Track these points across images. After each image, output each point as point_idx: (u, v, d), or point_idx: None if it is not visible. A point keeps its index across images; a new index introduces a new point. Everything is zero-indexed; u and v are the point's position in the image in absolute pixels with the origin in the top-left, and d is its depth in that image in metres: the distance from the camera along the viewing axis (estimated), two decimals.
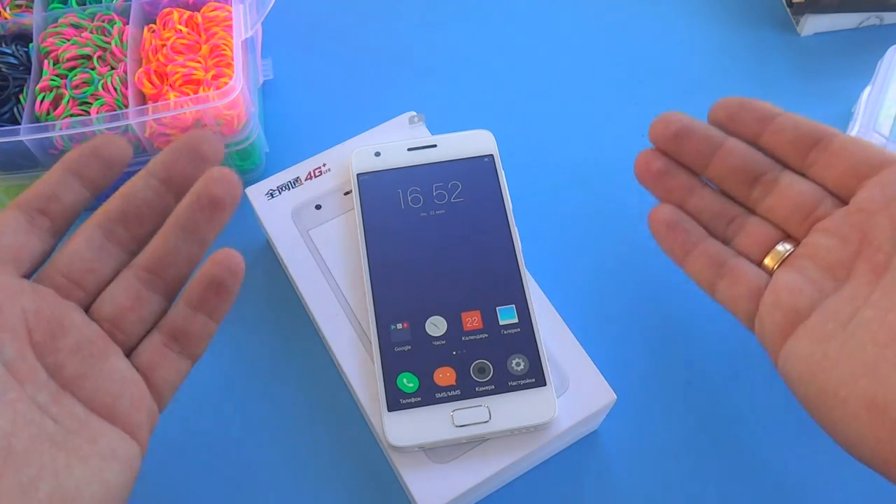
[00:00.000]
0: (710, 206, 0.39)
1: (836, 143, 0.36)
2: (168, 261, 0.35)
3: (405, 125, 0.46)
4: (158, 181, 0.35)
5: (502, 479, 0.39)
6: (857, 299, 0.32)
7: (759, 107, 0.39)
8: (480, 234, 0.42)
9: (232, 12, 0.49)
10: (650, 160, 0.40)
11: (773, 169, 0.38)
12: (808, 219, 0.36)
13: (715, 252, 0.38)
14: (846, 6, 0.55)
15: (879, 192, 0.34)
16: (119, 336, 0.34)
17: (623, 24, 0.59)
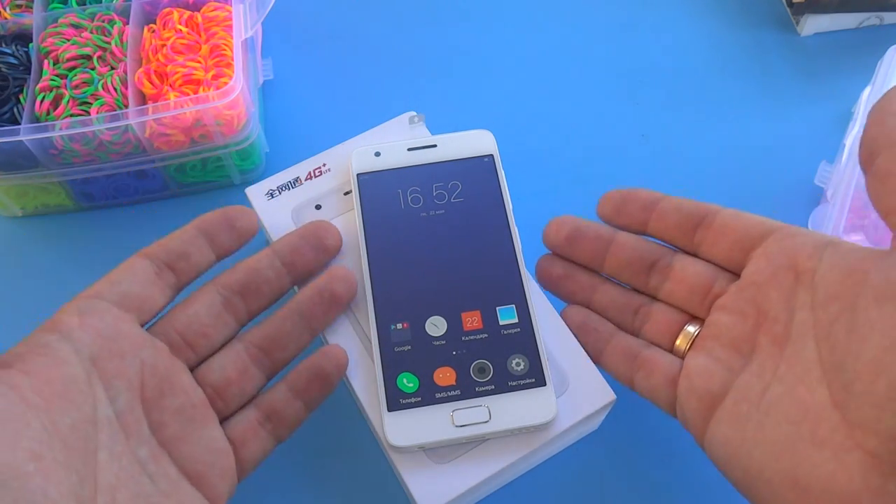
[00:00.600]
0: (614, 300, 0.40)
1: (718, 220, 0.37)
2: (280, 343, 0.37)
3: (405, 125, 0.46)
4: (282, 263, 0.38)
5: (502, 479, 0.39)
6: (766, 375, 0.33)
7: (641, 196, 0.40)
8: (480, 234, 0.42)
9: (232, 12, 0.49)
10: (549, 266, 0.41)
11: (666, 255, 0.39)
12: (706, 298, 0.37)
13: (627, 346, 0.39)
14: (846, 6, 0.55)
15: (765, 264, 0.35)
16: (219, 405, 0.36)
17: (623, 24, 0.59)
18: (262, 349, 0.37)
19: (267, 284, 0.38)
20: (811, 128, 0.53)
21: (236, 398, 0.36)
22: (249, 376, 0.37)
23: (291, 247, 0.39)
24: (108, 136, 0.45)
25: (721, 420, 0.34)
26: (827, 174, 0.48)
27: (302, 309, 0.38)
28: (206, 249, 0.37)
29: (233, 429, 0.36)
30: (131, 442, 0.32)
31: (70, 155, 0.45)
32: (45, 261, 0.49)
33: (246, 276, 0.38)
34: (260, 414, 0.36)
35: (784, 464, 0.30)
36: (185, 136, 0.46)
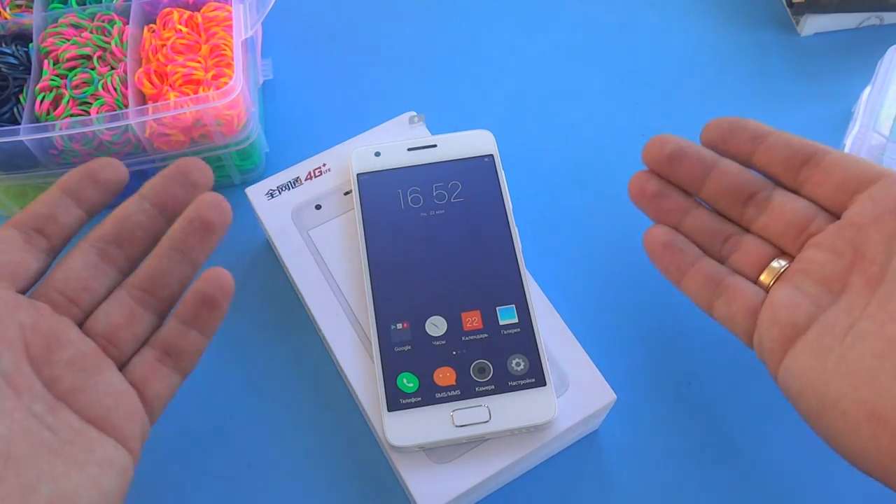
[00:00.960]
0: (704, 226, 0.40)
1: (827, 160, 0.37)
2: (161, 280, 0.37)
3: (405, 125, 0.46)
4: (151, 205, 0.37)
5: (502, 479, 0.39)
6: (854, 311, 0.33)
7: (750, 126, 0.39)
8: (480, 234, 0.42)
9: (232, 12, 0.49)
10: (644, 182, 0.40)
11: (766, 188, 0.39)
12: (801, 235, 0.37)
13: (711, 271, 0.38)
14: (846, 6, 0.55)
15: (870, 206, 0.35)
16: (113, 351, 0.35)
17: (623, 24, 0.59)
18: (145, 290, 0.37)
19: (140, 229, 0.37)
20: (811, 128, 0.53)
21: (129, 343, 0.36)
22: (138, 319, 0.36)
23: (158, 187, 0.38)
24: (108, 136, 0.45)
25: (800, 351, 0.33)
26: None
27: (175, 243, 0.37)
28: (74, 208, 0.37)
29: (132, 372, 0.35)
30: (24, 399, 0.32)
31: (70, 155, 0.45)
32: None
33: (116, 224, 0.37)
34: (157, 352, 0.36)
35: (863, 394, 0.30)
36: (185, 136, 0.46)
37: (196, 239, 0.37)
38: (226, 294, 0.37)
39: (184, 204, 0.38)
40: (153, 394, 0.35)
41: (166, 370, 0.36)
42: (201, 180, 0.38)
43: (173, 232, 0.37)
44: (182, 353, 0.36)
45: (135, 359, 0.36)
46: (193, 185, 0.38)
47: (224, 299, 0.37)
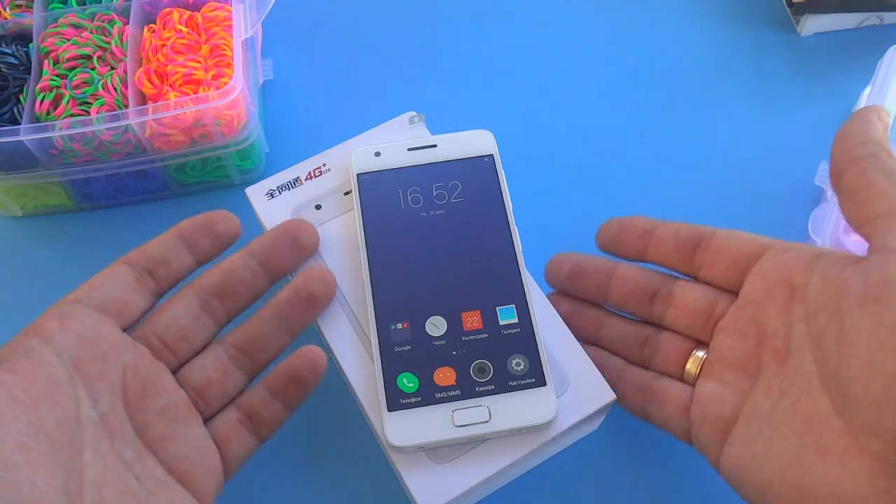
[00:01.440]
0: (621, 334, 0.40)
1: (715, 241, 0.38)
2: (259, 344, 0.38)
3: (405, 125, 0.46)
4: (257, 263, 0.38)
5: (502, 479, 0.39)
6: (772, 392, 0.33)
7: (637, 224, 0.40)
8: (480, 234, 0.42)
9: (232, 12, 0.49)
10: (556, 305, 0.41)
11: (667, 282, 0.39)
12: (709, 321, 0.37)
13: (638, 380, 0.39)
14: (846, 6, 0.55)
15: (760, 282, 0.35)
16: (201, 405, 0.36)
17: (623, 24, 0.59)
18: (242, 350, 0.37)
19: (244, 286, 0.38)
20: (811, 128, 0.53)
21: (218, 399, 0.37)
22: (230, 377, 0.37)
23: (267, 247, 0.39)
24: (108, 136, 0.45)
25: (734, 442, 0.34)
26: (827, 174, 0.48)
27: (280, 310, 0.38)
28: (186, 255, 0.38)
29: (216, 429, 0.36)
30: (116, 443, 0.32)
31: (70, 155, 0.45)
32: (45, 261, 0.49)
33: (222, 278, 0.38)
34: (241, 414, 0.37)
35: (791, 475, 0.31)
36: (185, 136, 0.46)
37: (299, 310, 0.38)
38: (317, 377, 0.38)
39: (289, 265, 0.39)
40: (232, 454, 0.36)
41: (247, 433, 0.37)
42: (309, 245, 0.40)
43: (279, 300, 0.38)
44: (264, 420, 0.37)
45: (219, 416, 0.37)
46: (301, 248, 0.40)
47: (314, 381, 0.38)
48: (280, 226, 0.40)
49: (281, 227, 0.40)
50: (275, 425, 0.38)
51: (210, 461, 0.35)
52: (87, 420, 0.31)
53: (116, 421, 0.32)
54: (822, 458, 0.30)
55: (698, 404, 0.36)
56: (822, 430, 0.30)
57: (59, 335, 0.32)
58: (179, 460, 0.34)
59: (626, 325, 0.41)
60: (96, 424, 0.31)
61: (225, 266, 0.38)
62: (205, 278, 0.38)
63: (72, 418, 0.31)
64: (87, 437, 0.31)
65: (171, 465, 0.34)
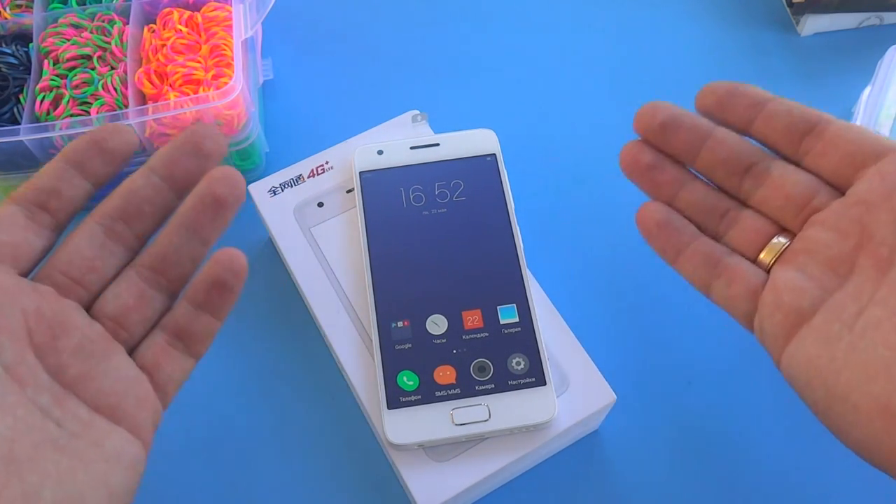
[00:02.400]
0: (701, 201, 0.37)
1: (832, 131, 0.35)
2: (172, 259, 0.35)
3: (408, 124, 0.46)
4: (160, 178, 0.35)
5: (501, 478, 0.39)
6: (863, 297, 0.31)
7: (749, 92, 0.37)
8: (482, 233, 0.42)
9: (232, 12, 0.49)
10: (637, 153, 0.38)
11: (765, 159, 0.36)
12: (803, 211, 0.35)
13: (708, 251, 0.36)
14: (846, 6, 0.55)
15: (879, 183, 0.33)
16: (122, 335, 0.34)
17: (623, 24, 0.59)
18: (155, 270, 0.35)
19: (148, 204, 0.35)
20: None
21: (139, 325, 0.34)
22: (148, 300, 0.34)
23: (167, 159, 0.35)
24: None
25: (806, 338, 0.32)
26: None
27: (186, 221, 0.35)
28: (79, 180, 0.34)
29: (143, 356, 0.34)
30: (28, 391, 0.30)
31: None
32: None
33: (123, 199, 0.35)
34: (168, 335, 0.35)
35: (877, 388, 0.29)
36: None
37: (207, 216, 0.35)
38: (239, 277, 0.35)
39: (195, 176, 0.35)
40: (165, 378, 0.34)
41: (178, 354, 0.35)
42: (214, 150, 0.36)
43: (184, 209, 0.35)
44: (194, 336, 0.35)
45: (145, 342, 0.34)
46: (206, 155, 0.36)
47: (237, 283, 0.35)
48: (182, 133, 0.36)
49: (182, 134, 0.36)
50: (207, 338, 0.35)
51: (139, 390, 0.33)
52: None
53: (25, 369, 0.30)
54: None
55: (773, 290, 0.33)
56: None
57: None
58: (105, 395, 0.32)
59: (708, 192, 0.37)
60: (2, 378, 0.29)
61: (125, 186, 0.35)
62: (105, 203, 0.35)
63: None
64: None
65: (96, 403, 0.32)
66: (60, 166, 0.34)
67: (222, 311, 0.35)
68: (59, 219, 0.34)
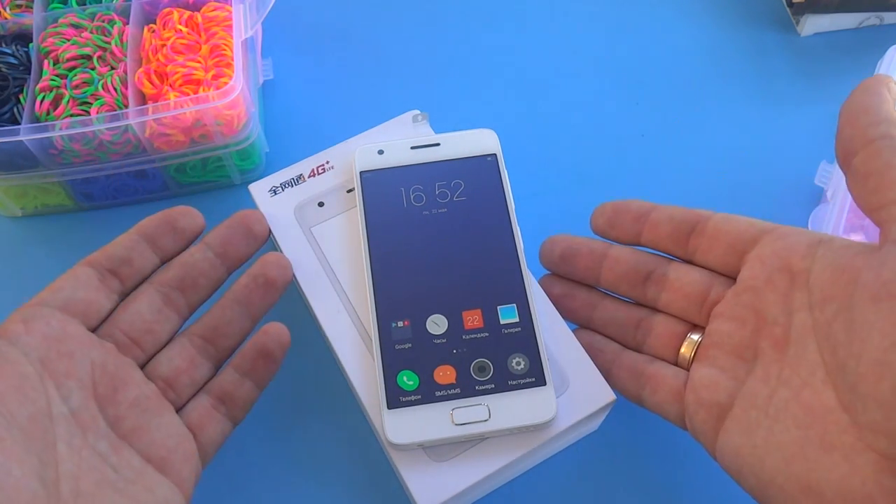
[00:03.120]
0: (614, 316, 0.40)
1: (711, 226, 0.37)
2: (222, 331, 0.39)
3: (408, 123, 0.46)
4: (214, 254, 0.39)
5: (501, 478, 0.39)
6: (771, 380, 0.33)
7: (632, 207, 0.40)
8: (482, 233, 0.42)
9: (232, 12, 0.49)
10: (549, 286, 0.41)
11: (661, 265, 0.39)
12: (704, 305, 0.37)
13: (631, 363, 0.39)
14: (846, 6, 0.55)
15: (759, 267, 0.35)
16: (171, 395, 0.37)
17: (624, 24, 0.59)
18: (206, 339, 0.38)
19: (203, 277, 0.39)
20: (811, 128, 0.53)
21: (187, 388, 0.37)
22: (197, 365, 0.38)
23: (221, 237, 0.40)
24: (108, 136, 0.45)
25: (730, 429, 0.33)
26: (827, 174, 0.48)
27: (238, 296, 0.39)
28: (149, 253, 0.38)
29: (189, 416, 0.37)
30: (89, 437, 0.33)
31: (70, 155, 0.45)
32: (45, 261, 0.49)
33: (182, 270, 0.39)
34: (213, 399, 0.38)
35: (796, 469, 0.30)
36: (185, 136, 0.46)
37: (259, 295, 0.39)
38: (283, 348, 0.39)
39: (244, 254, 0.40)
40: (207, 439, 0.37)
41: (220, 417, 0.37)
42: (260, 232, 0.41)
43: (238, 287, 0.39)
44: (236, 401, 0.38)
45: (191, 404, 0.37)
46: (254, 237, 0.40)
47: (280, 353, 0.39)
48: (232, 217, 0.41)
49: (233, 218, 0.40)
50: (247, 406, 0.39)
51: (186, 447, 0.35)
52: (58, 416, 0.32)
53: (88, 416, 0.33)
54: (828, 452, 0.29)
55: (692, 389, 0.35)
56: (827, 424, 0.30)
57: (25, 336, 0.33)
58: (155, 448, 0.34)
59: (619, 308, 0.40)
60: (68, 420, 0.32)
61: (184, 259, 0.39)
62: (165, 272, 0.39)
63: (44, 413, 0.31)
64: (60, 431, 0.31)
65: (147, 454, 0.34)
66: (134, 238, 0.38)
67: (264, 380, 0.39)
68: (126, 285, 0.38)
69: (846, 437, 0.29)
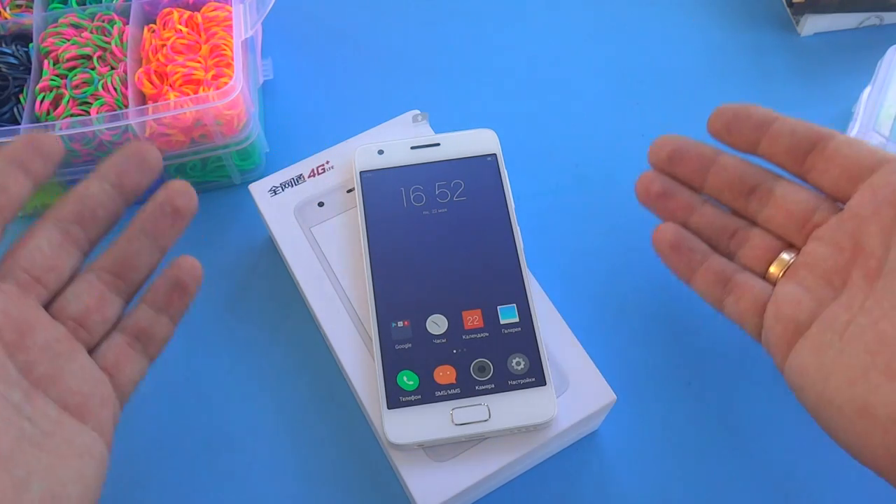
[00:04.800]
0: (711, 222, 0.40)
1: (832, 147, 0.36)
2: (131, 264, 0.36)
3: (408, 123, 0.46)
4: (110, 185, 0.36)
5: (501, 478, 0.39)
6: (853, 307, 0.33)
7: (754, 114, 0.39)
8: (482, 233, 0.42)
9: (232, 12, 0.49)
10: (649, 182, 0.41)
11: (768, 179, 0.39)
12: (805, 226, 0.37)
13: (720, 268, 0.38)
14: (846, 6, 0.55)
15: (870, 197, 0.34)
16: (83, 335, 0.35)
17: (624, 24, 0.59)
18: (115, 273, 0.36)
19: (101, 208, 0.36)
20: None
21: (99, 326, 0.35)
22: (107, 302, 0.36)
23: (116, 168, 0.37)
24: (108, 136, 0.45)
25: (803, 347, 0.33)
26: None
27: (145, 227, 0.36)
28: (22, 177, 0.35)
29: (103, 357, 0.35)
30: (1, 387, 0.30)
31: (70, 155, 0.45)
32: None
33: (78, 203, 0.36)
34: (127, 336, 0.36)
35: (857, 391, 0.30)
36: (185, 136, 0.46)
37: (165, 224, 0.37)
38: (196, 280, 0.37)
39: (139, 185, 0.37)
40: (124, 379, 0.35)
41: (136, 355, 0.36)
42: (155, 161, 0.38)
43: (143, 215, 0.37)
44: (152, 338, 0.36)
45: (105, 344, 0.35)
46: (149, 166, 0.37)
47: (194, 285, 0.37)
48: (125, 146, 0.38)
49: (126, 147, 0.37)
50: (163, 341, 0.37)
51: (103, 391, 0.34)
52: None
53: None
54: (890, 379, 0.30)
55: (774, 304, 0.35)
56: (895, 354, 0.30)
57: None
58: (71, 395, 0.33)
59: (718, 215, 0.40)
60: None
61: (78, 191, 0.36)
62: (60, 206, 0.36)
63: None
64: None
65: (63, 402, 0.32)
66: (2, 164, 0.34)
67: (178, 314, 0.37)
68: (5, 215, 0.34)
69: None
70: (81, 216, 0.36)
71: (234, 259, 0.48)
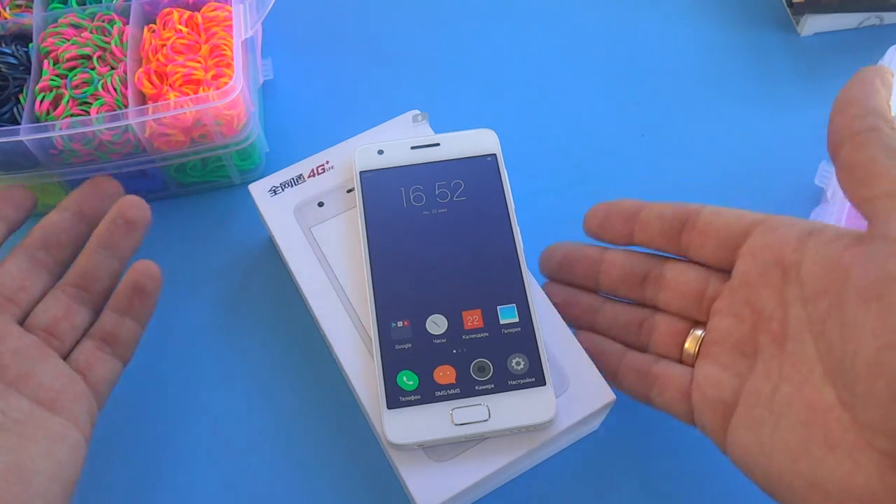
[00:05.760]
0: (617, 318, 0.40)
1: (701, 221, 0.37)
2: (92, 276, 0.40)
3: (408, 123, 0.46)
4: (71, 214, 0.42)
5: (501, 478, 0.39)
6: (772, 376, 0.33)
7: (622, 208, 0.40)
8: (482, 233, 0.42)
9: (232, 12, 0.49)
10: (550, 294, 0.41)
11: (656, 265, 0.39)
12: (702, 302, 0.37)
13: (637, 364, 0.39)
14: (846, 6, 0.55)
15: (752, 262, 0.35)
16: (54, 343, 0.38)
17: (624, 24, 0.59)
18: (78, 286, 0.40)
19: (64, 234, 0.41)
20: (811, 128, 0.53)
21: (69, 333, 0.39)
22: (75, 312, 0.39)
23: (76, 197, 0.42)
24: (108, 136, 0.45)
25: (738, 427, 0.33)
26: (827, 174, 0.48)
27: (102, 241, 0.41)
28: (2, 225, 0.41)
29: (75, 360, 0.38)
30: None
31: (70, 155, 0.45)
32: None
33: (43, 232, 0.41)
34: (97, 341, 0.39)
35: (802, 467, 0.30)
36: (185, 136, 0.46)
37: (120, 235, 0.41)
38: (155, 282, 0.41)
39: (101, 211, 0.42)
40: (98, 378, 0.38)
41: (106, 357, 0.39)
42: (114, 192, 0.43)
43: (99, 231, 0.41)
44: (120, 340, 0.40)
45: (76, 349, 0.39)
46: (109, 195, 0.42)
47: (154, 287, 0.41)
48: (86, 182, 0.43)
49: (86, 183, 0.43)
50: (132, 343, 0.40)
51: (75, 387, 0.37)
52: None
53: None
54: (831, 451, 0.29)
55: (698, 388, 0.36)
56: (829, 422, 0.30)
57: None
58: (44, 391, 0.36)
59: (621, 310, 0.40)
60: None
61: (43, 223, 0.41)
62: (28, 237, 0.41)
63: None
64: None
65: (35, 397, 0.35)
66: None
67: (143, 315, 0.41)
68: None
69: (848, 434, 0.29)
70: (47, 242, 0.41)
71: (234, 259, 0.48)
